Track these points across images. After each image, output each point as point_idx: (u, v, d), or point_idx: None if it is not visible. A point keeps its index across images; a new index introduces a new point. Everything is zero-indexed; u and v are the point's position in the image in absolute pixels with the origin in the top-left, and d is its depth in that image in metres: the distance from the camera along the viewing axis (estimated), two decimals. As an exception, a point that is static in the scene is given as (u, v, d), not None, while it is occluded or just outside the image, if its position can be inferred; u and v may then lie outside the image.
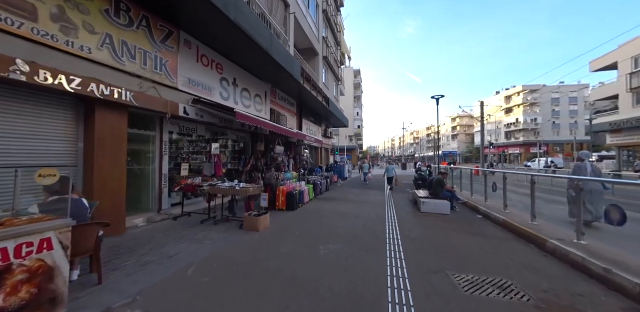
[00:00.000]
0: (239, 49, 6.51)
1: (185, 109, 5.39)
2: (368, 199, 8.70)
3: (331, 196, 9.24)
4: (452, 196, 6.87)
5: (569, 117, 47.12)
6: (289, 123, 11.81)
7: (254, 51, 6.48)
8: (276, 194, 6.41)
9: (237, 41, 5.93)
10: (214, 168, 6.05)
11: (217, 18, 4.85)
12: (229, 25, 5.12)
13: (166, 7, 4.63)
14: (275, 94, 10.35)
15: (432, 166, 11.26)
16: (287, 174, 7.54)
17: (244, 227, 4.70)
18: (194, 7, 4.60)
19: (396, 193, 10.46)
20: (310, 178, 8.97)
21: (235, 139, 8.52)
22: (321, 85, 13.77)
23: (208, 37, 5.89)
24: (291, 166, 10.22)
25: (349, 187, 12.67)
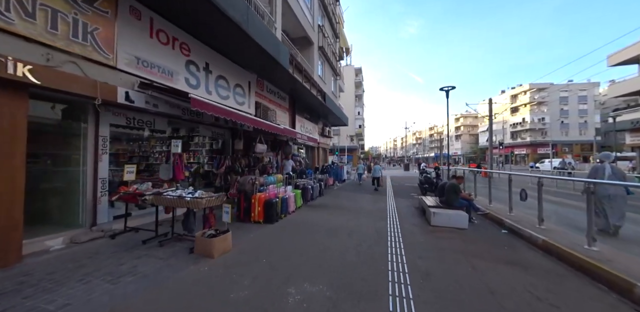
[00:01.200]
0: (205, 24, 5.29)
1: (128, 95, 4.18)
2: (367, 206, 7.44)
3: (324, 203, 7.98)
4: (469, 206, 5.59)
5: (578, 117, 45.49)
6: (280, 119, 10.59)
7: (225, 26, 5.26)
8: (251, 202, 5.18)
9: (199, 10, 4.71)
10: (173, 170, 4.83)
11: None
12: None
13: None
14: (262, 85, 9.13)
15: (440, 168, 9.94)
16: (269, 177, 6.31)
17: (195, 251, 3.47)
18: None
19: (399, 198, 9.19)
20: (299, 182, 7.72)
21: (211, 135, 7.30)
22: (316, 77, 12.54)
23: (161, 5, 4.67)
24: (289, 166, 9.00)
25: (347, 190, 11.41)
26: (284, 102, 11.13)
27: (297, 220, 5.62)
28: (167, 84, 4.95)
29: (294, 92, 10.94)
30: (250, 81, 8.25)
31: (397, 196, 9.94)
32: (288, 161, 9.17)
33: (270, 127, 6.83)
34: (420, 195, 9.76)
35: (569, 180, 8.17)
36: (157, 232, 4.00)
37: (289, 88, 10.38)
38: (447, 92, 8.56)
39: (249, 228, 4.85)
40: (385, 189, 12.00)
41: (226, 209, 3.83)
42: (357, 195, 10.00)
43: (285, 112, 11.30)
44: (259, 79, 8.88)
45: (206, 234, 3.47)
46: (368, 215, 6.28)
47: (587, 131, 45.19)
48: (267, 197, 5.28)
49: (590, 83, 44.53)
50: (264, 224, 5.17)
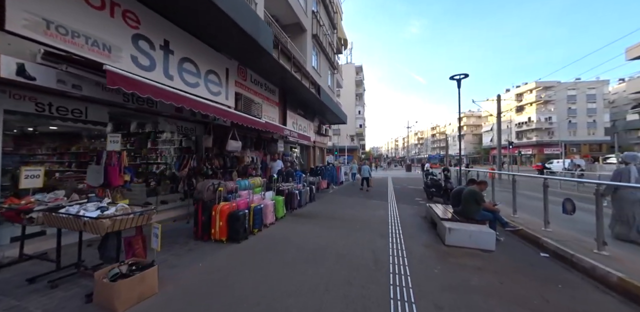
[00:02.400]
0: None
1: (24, 68, 2.98)
2: (364, 215, 6.21)
3: (313, 211, 6.75)
4: (493, 219, 4.35)
5: (586, 116, 43.98)
6: (268, 114, 9.39)
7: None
8: (211, 215, 3.96)
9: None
10: (106, 174, 3.65)
11: None
12: None
13: None
14: (245, 74, 7.93)
15: (450, 169, 8.69)
16: (242, 181, 5.10)
17: (95, 300, 2.27)
18: None
19: (403, 204, 7.95)
20: (283, 186, 6.49)
21: (179, 130, 6.10)
22: (309, 68, 11.34)
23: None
24: (277, 168, 7.79)
25: (342, 194, 10.18)
26: (273, 96, 9.92)
27: (273, 236, 4.40)
28: (96, 60, 3.74)
29: (284, 84, 9.74)
30: (228, 68, 7.05)
31: (400, 201, 8.69)
32: (276, 161, 7.96)
33: (248, 120, 5.62)
34: (426, 200, 8.55)
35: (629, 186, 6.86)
36: (58, 264, 2.79)
37: (278, 79, 9.18)
38: (459, 81, 7.33)
39: (202, 251, 3.64)
40: (386, 193, 10.76)
41: (155, 230, 2.62)
42: (353, 200, 8.76)
43: (275, 106, 10.10)
44: (240, 67, 7.69)
45: (111, 274, 2.26)
46: (364, 228, 5.05)
47: (596, 131, 43.69)
48: (231, 208, 4.06)
49: (599, 81, 43.04)
50: (227, 243, 3.95)
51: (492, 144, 55.86)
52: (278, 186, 5.98)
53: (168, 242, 3.90)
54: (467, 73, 7.19)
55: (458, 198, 4.80)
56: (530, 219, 5.20)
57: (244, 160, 7.33)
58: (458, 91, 7.43)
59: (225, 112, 4.89)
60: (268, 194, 5.52)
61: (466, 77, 7.26)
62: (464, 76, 7.26)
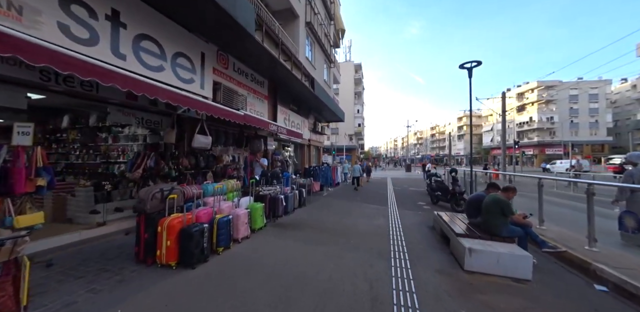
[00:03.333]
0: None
1: None
2: (360, 226, 5.23)
3: (300, 219, 5.76)
4: (524, 235, 3.39)
5: (588, 116, 43.26)
6: (255, 108, 8.42)
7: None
8: (157, 232, 2.98)
9: None
10: (8, 178, 2.67)
11: None
12: None
13: None
14: (226, 62, 6.94)
15: (457, 170, 7.73)
16: (208, 185, 4.11)
17: None
18: None
19: (405, 210, 6.98)
20: (264, 190, 5.47)
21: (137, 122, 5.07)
22: (302, 59, 10.35)
23: None
24: (260, 169, 6.81)
25: (337, 197, 9.21)
26: (261, 88, 8.93)
27: (242, 258, 3.42)
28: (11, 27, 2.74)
29: (273, 74, 8.75)
30: (204, 53, 6.05)
31: (402, 205, 7.73)
32: (258, 161, 6.90)
33: (221, 111, 4.64)
34: (430, 205, 7.55)
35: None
36: None
37: (267, 68, 8.18)
38: (470, 70, 6.37)
39: (138, 282, 2.66)
40: (385, 196, 9.80)
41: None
42: (349, 205, 7.78)
43: (263, 100, 9.10)
44: (221, 54, 6.70)
45: None
46: (360, 244, 4.07)
47: (598, 131, 42.99)
48: (185, 222, 3.07)
49: (601, 80, 42.34)
50: (177, 268, 2.97)
51: (492, 144, 55.10)
52: (258, 191, 4.99)
53: (96, 268, 2.91)
54: (479, 60, 6.23)
55: (476, 207, 3.84)
56: (563, 232, 4.25)
57: (222, 159, 6.34)
58: (469, 81, 6.48)
59: (185, 99, 3.89)
60: (244, 201, 4.55)
61: (479, 64, 6.31)
62: (476, 64, 6.31)
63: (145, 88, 3.17)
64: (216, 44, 6.42)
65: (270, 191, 5.03)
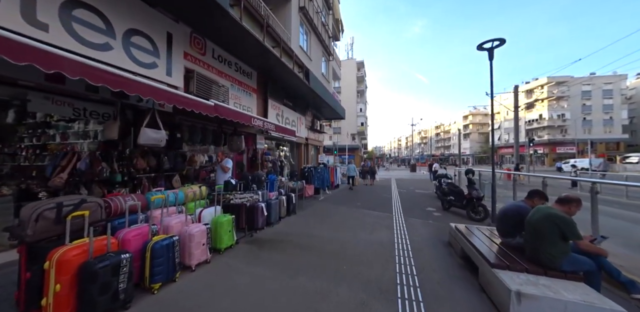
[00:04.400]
0: None
1: None
2: (357, 243, 4.17)
3: (284, 233, 4.72)
4: (597, 269, 2.31)
5: (602, 113, 41.42)
6: (241, 102, 7.46)
7: None
8: (43, 270, 1.98)
9: None
10: None
11: None
12: None
13: None
14: (202, 46, 5.95)
15: (474, 171, 6.62)
16: (150, 194, 3.11)
17: None
18: None
19: (412, 218, 5.90)
20: (237, 198, 4.38)
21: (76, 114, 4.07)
22: (295, 47, 9.33)
23: None
24: (222, 172, 5.76)
25: (336, 202, 8.15)
26: (248, 80, 7.95)
27: (185, 300, 2.41)
28: None
29: (263, 65, 7.76)
30: (171, 33, 5.07)
31: (409, 212, 6.65)
32: (220, 163, 5.42)
33: (176, 98, 3.63)
34: (441, 210, 6.41)
35: None
36: None
37: (254, 58, 7.18)
38: (491, 50, 5.28)
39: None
40: (390, 200, 8.72)
41: None
42: (347, 211, 6.73)
43: (251, 93, 8.12)
44: (195, 36, 5.72)
45: None
46: (355, 274, 3.02)
47: (612, 129, 41.11)
48: (91, 254, 2.07)
49: (616, 75, 40.49)
50: (76, 325, 1.97)
51: (500, 142, 53.39)
52: (229, 199, 3.95)
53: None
54: (502, 38, 5.13)
55: (515, 224, 2.78)
56: (635, 258, 3.14)
57: (195, 160, 5.35)
58: (490, 64, 5.37)
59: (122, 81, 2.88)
60: (207, 213, 3.54)
61: (501, 44, 5.21)
62: (499, 43, 5.21)
63: (59, 63, 2.18)
64: (188, 24, 5.45)
65: (244, 199, 4.00)
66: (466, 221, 5.81)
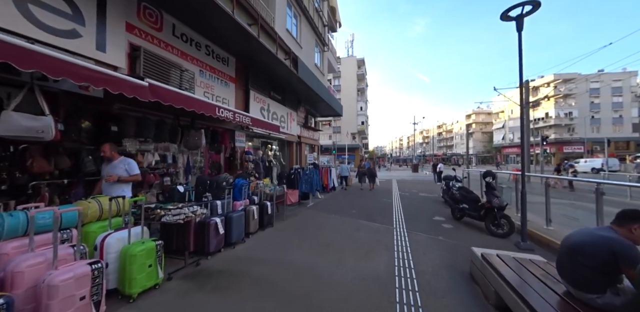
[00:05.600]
0: None
1: None
2: (342, 275, 2.99)
3: (244, 258, 3.50)
4: None
5: (611, 111, 39.95)
6: (214, 92, 6.35)
7: None
8: None
9: None
10: None
11: None
12: None
13: None
14: (157, 20, 4.78)
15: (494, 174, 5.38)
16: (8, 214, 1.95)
17: None
18: None
19: (416, 232, 4.70)
20: (171, 213, 3.07)
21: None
22: (281, 31, 8.15)
23: None
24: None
25: (325, 210, 6.96)
26: (224, 67, 6.78)
27: None
28: None
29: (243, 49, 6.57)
30: None
31: (412, 223, 5.44)
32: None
33: (85, 73, 2.46)
34: (451, 220, 5.11)
35: None
36: None
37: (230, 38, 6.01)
38: (520, 19, 4.07)
39: None
40: (390, 206, 7.51)
41: None
42: (336, 224, 5.52)
43: (229, 83, 6.96)
44: (145, 6, 4.56)
45: None
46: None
47: (622, 127, 39.62)
48: None
49: (626, 72, 38.98)
50: None
51: (504, 142, 51.95)
52: (158, 214, 2.76)
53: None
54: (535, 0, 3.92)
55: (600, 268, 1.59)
56: None
57: (138, 160, 4.17)
58: (518, 36, 4.15)
59: None
60: (114, 240, 2.36)
61: (535, 9, 4.00)
62: (531, 8, 3.99)
63: None
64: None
65: (181, 216, 2.80)
66: (485, 237, 4.61)
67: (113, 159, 3.15)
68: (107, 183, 3.05)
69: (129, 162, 3.19)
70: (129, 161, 3.21)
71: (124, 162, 3.17)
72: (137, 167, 3.26)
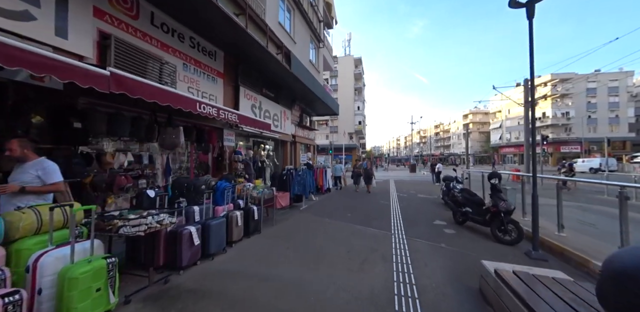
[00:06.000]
0: None
1: None
2: (332, 297, 2.59)
3: (220, 273, 3.06)
4: None
5: (607, 111, 40.04)
6: (200, 87, 5.93)
7: None
8: None
9: None
10: None
11: None
12: None
13: None
14: (132, 6, 4.33)
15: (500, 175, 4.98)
16: None
17: None
18: None
19: (417, 240, 4.30)
20: (129, 223, 2.56)
21: None
22: (273, 24, 7.73)
23: None
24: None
25: (319, 213, 6.55)
26: (211, 61, 6.35)
27: None
28: None
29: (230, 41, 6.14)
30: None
31: (412, 228, 5.04)
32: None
33: (31, 60, 2.01)
34: (453, 225, 4.67)
35: None
36: None
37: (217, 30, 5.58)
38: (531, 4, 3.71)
39: None
40: (388, 208, 7.12)
41: None
42: (329, 230, 5.11)
43: (216, 78, 6.53)
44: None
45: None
46: None
47: (618, 127, 39.73)
48: None
49: (622, 72, 39.10)
50: None
51: (501, 142, 51.94)
52: (115, 224, 2.31)
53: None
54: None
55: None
56: None
57: (106, 160, 3.72)
58: (529, 24, 3.78)
59: None
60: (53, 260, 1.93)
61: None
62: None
63: None
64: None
65: (143, 226, 2.35)
66: (491, 244, 4.23)
67: (26, 160, 2.35)
68: (5, 195, 2.21)
69: (46, 166, 2.39)
70: (46, 164, 2.40)
71: (38, 165, 2.35)
72: (59, 173, 2.45)
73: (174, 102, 3.59)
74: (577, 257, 3.29)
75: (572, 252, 3.40)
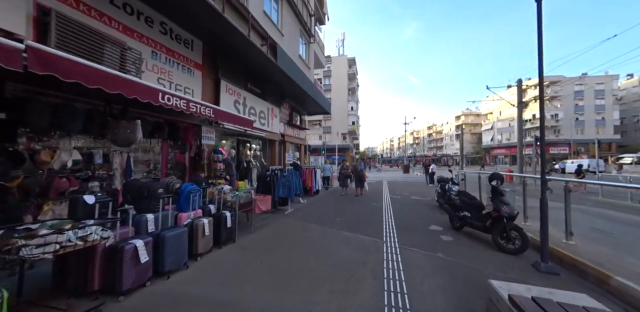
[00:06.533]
0: None
1: None
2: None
3: (171, 297, 2.49)
4: None
5: (594, 113, 40.86)
6: (173, 79, 5.35)
7: None
8: None
9: None
10: None
11: None
12: None
13: None
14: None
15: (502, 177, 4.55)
16: None
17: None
18: None
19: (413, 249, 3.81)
20: (28, 244, 1.82)
21: None
22: (257, 12, 7.17)
23: None
24: None
25: (304, 218, 6.01)
26: (189, 52, 5.77)
27: None
28: None
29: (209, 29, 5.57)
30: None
31: (405, 234, 4.54)
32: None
33: None
34: (450, 230, 4.19)
35: None
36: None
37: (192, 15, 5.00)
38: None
39: None
40: (380, 212, 6.63)
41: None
42: (314, 238, 4.57)
43: (193, 70, 5.93)
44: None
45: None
46: None
47: (604, 129, 40.60)
48: None
49: (608, 76, 40.03)
50: None
51: (492, 143, 52.49)
52: (14, 246, 1.71)
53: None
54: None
55: None
56: None
57: (43, 159, 3.10)
58: (537, 6, 3.36)
59: None
60: None
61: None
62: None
63: None
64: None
65: (53, 246, 1.73)
66: (493, 253, 3.78)
67: None
68: None
69: None
70: None
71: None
72: None
73: (127, 90, 3.00)
74: (594, 271, 2.86)
75: (587, 265, 2.97)
